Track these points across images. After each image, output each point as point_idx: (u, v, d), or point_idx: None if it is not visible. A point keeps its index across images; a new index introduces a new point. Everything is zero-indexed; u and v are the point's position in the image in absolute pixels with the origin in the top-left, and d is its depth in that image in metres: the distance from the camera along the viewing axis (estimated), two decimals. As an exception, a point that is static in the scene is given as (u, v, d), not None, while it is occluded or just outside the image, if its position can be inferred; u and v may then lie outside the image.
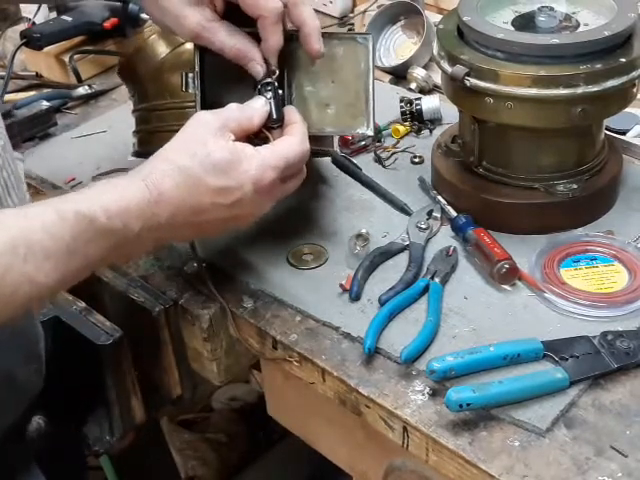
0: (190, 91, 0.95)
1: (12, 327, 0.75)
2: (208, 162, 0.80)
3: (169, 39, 1.08)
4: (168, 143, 0.83)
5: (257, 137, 0.88)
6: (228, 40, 0.91)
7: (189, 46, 1.00)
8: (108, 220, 0.74)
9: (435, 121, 1.27)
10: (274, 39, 0.90)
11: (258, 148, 0.85)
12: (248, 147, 0.84)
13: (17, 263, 0.68)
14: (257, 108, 0.88)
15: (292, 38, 0.93)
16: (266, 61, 0.91)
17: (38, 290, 0.70)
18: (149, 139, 1.11)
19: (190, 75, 0.96)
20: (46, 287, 0.71)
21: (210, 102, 0.94)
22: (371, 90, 0.98)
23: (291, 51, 0.95)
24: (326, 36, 0.95)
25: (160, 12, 0.92)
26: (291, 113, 0.91)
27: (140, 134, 1.13)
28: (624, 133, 1.20)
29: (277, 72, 0.92)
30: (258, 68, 0.91)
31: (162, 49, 1.08)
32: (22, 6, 1.67)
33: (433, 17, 1.45)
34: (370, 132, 0.99)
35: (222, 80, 0.94)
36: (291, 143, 0.87)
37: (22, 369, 0.91)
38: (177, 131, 0.83)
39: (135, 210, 0.76)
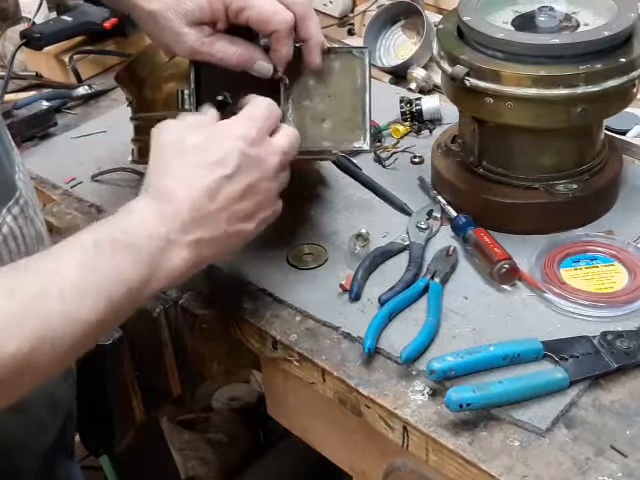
0: (186, 107, 0.95)
1: None
2: (195, 146, 0.80)
3: None
4: (152, 155, 0.82)
5: None
6: (229, 48, 0.91)
7: None
8: (127, 236, 0.73)
9: (435, 121, 1.27)
10: (285, 50, 0.90)
11: (237, 114, 0.85)
12: (221, 121, 0.84)
13: (54, 306, 0.66)
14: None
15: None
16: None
17: (87, 328, 0.68)
18: (147, 150, 1.11)
19: (186, 92, 0.95)
20: (95, 322, 0.69)
21: None
22: (368, 104, 0.97)
23: (289, 65, 0.94)
24: (323, 50, 0.95)
25: (159, 31, 0.91)
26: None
27: (140, 143, 1.13)
28: (624, 133, 1.20)
29: (286, 80, 0.93)
30: (266, 65, 0.92)
31: (162, 57, 1.08)
32: (22, 6, 1.67)
33: (433, 17, 1.45)
34: (367, 147, 0.98)
35: (218, 93, 0.94)
36: (258, 100, 0.87)
37: (60, 387, 0.92)
38: None
39: (153, 218, 0.75)
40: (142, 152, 1.12)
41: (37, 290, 0.67)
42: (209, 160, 0.79)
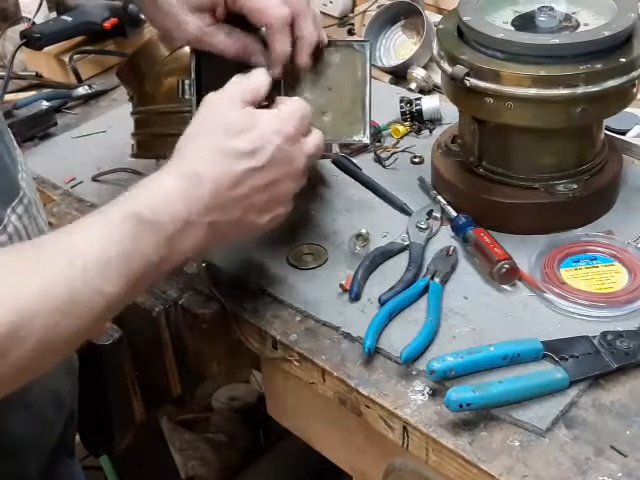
0: (187, 97, 0.95)
1: None
2: (231, 130, 0.80)
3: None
4: (187, 129, 0.81)
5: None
6: (228, 39, 0.91)
7: (188, 49, 1.00)
8: (154, 215, 0.73)
9: (435, 121, 1.28)
10: (280, 47, 0.90)
11: (275, 107, 0.85)
12: (263, 109, 0.84)
13: (80, 278, 0.67)
14: (261, 79, 0.87)
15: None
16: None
17: (110, 301, 0.69)
18: (149, 142, 1.11)
19: (187, 82, 0.96)
20: (116, 296, 0.70)
21: None
22: (368, 98, 0.97)
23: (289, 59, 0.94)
24: (322, 46, 0.95)
25: (162, 17, 0.92)
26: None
27: (139, 137, 1.13)
28: (624, 133, 1.20)
29: (281, 82, 0.93)
30: (260, 58, 0.92)
31: (162, 52, 1.08)
32: (22, 6, 1.67)
33: (433, 17, 1.45)
34: (366, 140, 0.99)
35: (219, 86, 0.94)
36: (294, 99, 0.87)
37: (64, 385, 0.92)
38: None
39: (178, 199, 0.75)
40: (141, 146, 1.12)
41: (66, 266, 0.67)
42: (242, 148, 0.79)
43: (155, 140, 1.09)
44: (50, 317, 0.65)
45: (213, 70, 0.94)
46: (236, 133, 0.80)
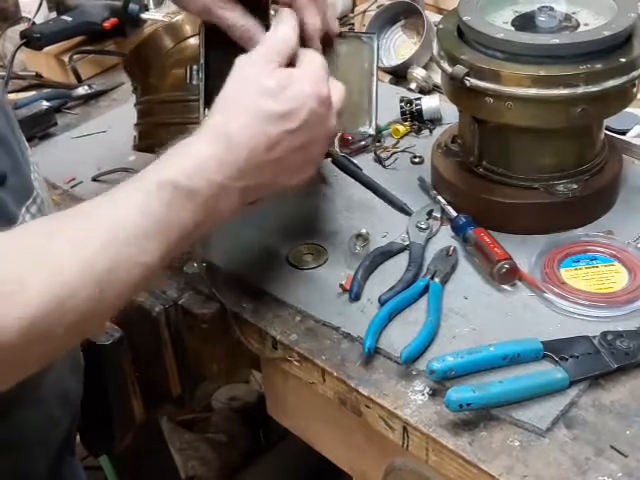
0: (194, 83, 0.95)
1: None
2: (265, 92, 0.78)
3: (174, 34, 1.09)
4: (221, 92, 0.80)
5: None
6: (239, 20, 0.89)
7: (193, 41, 1.00)
8: (190, 181, 0.72)
9: (435, 121, 1.28)
10: (312, 20, 0.88)
11: (301, 66, 0.83)
12: (293, 69, 0.82)
13: (122, 249, 0.67)
14: (289, 34, 0.84)
15: None
16: None
17: (148, 271, 0.70)
18: (152, 131, 1.11)
19: (195, 67, 0.96)
20: (154, 266, 0.70)
21: (214, 97, 0.94)
22: (374, 89, 0.98)
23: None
24: (332, 36, 0.95)
25: None
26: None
27: (141, 127, 1.13)
28: (624, 133, 1.20)
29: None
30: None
31: (167, 43, 1.08)
32: (22, 6, 1.67)
33: (433, 17, 1.45)
34: (372, 131, 0.99)
35: (226, 73, 0.94)
36: (313, 55, 0.85)
37: (70, 382, 0.93)
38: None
39: (213, 164, 0.74)
40: (143, 136, 1.12)
41: (107, 236, 0.67)
42: (277, 111, 0.77)
43: (158, 129, 1.09)
44: (90, 289, 0.65)
45: (221, 61, 0.94)
46: (270, 95, 0.78)
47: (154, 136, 1.10)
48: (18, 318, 0.61)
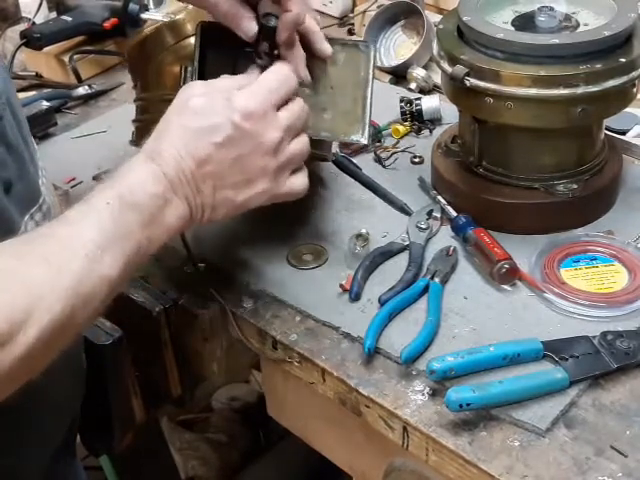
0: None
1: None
2: (190, 111, 0.81)
3: (175, 31, 1.09)
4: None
5: None
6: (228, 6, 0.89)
7: (193, 40, 1.00)
8: (132, 195, 0.76)
9: (435, 121, 1.28)
10: (295, 8, 0.87)
11: (236, 77, 0.85)
12: (224, 80, 0.85)
13: (84, 264, 0.70)
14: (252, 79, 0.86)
15: None
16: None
17: (109, 284, 0.72)
18: (149, 129, 1.11)
19: (189, 69, 0.96)
20: (115, 279, 0.73)
21: None
22: (369, 98, 0.97)
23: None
24: (328, 41, 0.95)
25: None
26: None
27: (139, 123, 1.13)
28: (624, 133, 1.20)
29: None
30: (245, 22, 0.89)
31: (168, 39, 1.08)
32: (22, 6, 1.67)
33: (433, 17, 1.45)
34: (364, 140, 0.99)
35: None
36: (270, 70, 0.86)
37: (71, 383, 0.93)
38: None
39: (148, 178, 0.78)
40: (140, 132, 1.12)
41: (68, 253, 0.70)
42: (201, 125, 0.80)
43: (154, 126, 1.09)
44: (60, 303, 0.67)
45: (216, 62, 0.94)
46: (194, 113, 0.81)
47: (150, 133, 1.10)
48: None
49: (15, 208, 0.78)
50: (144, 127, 1.12)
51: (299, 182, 0.88)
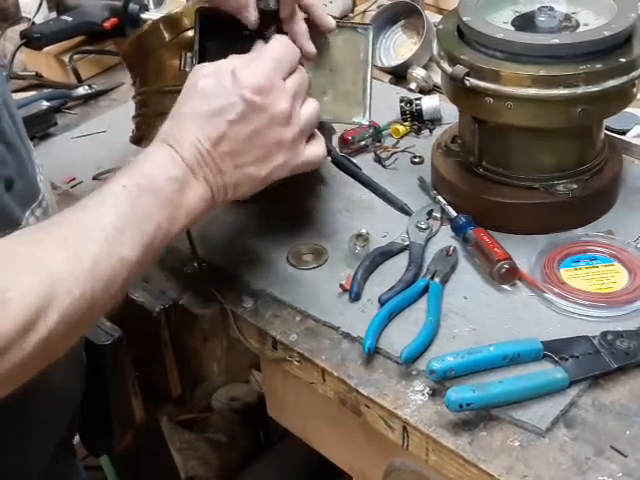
0: (187, 70, 0.95)
1: None
2: (199, 94, 0.82)
3: (172, 26, 1.09)
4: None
5: None
6: None
7: (191, 34, 1.00)
8: (150, 180, 0.76)
9: (435, 121, 1.28)
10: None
11: (250, 56, 0.86)
12: (232, 59, 0.85)
13: (102, 247, 0.70)
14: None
15: None
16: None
17: (130, 267, 0.73)
18: (148, 122, 1.11)
19: (189, 54, 0.96)
20: (135, 262, 0.73)
21: None
22: (369, 80, 0.98)
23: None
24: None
25: None
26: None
27: (139, 118, 1.13)
28: (624, 133, 1.20)
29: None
30: (250, 14, 0.90)
31: (165, 35, 1.08)
32: (22, 6, 1.67)
33: (433, 17, 1.45)
34: (365, 122, 0.99)
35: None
36: (272, 43, 0.87)
37: (70, 382, 0.93)
38: None
39: (167, 162, 0.79)
40: (139, 127, 1.12)
41: (86, 237, 0.71)
42: (213, 107, 0.81)
43: (154, 118, 1.09)
44: (80, 287, 0.68)
45: (216, 47, 0.94)
46: (203, 96, 0.82)
47: (150, 126, 1.10)
48: (14, 323, 0.63)
49: (16, 204, 0.78)
50: (144, 120, 1.12)
51: (316, 150, 0.88)
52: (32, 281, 0.65)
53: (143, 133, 1.12)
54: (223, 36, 0.93)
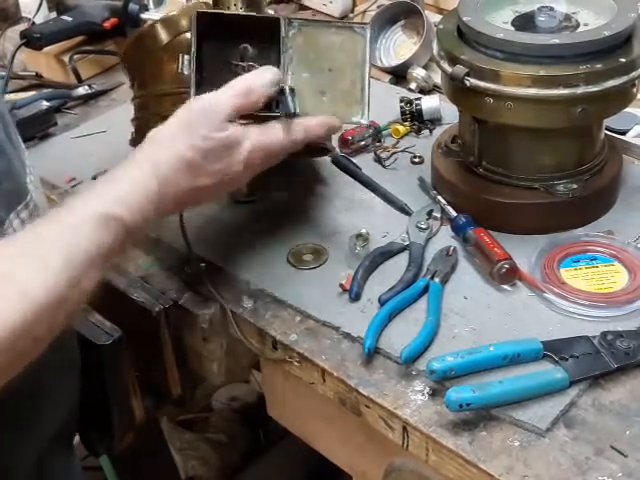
0: (186, 73, 0.95)
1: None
2: (206, 150, 0.84)
3: (170, 28, 1.09)
4: (167, 125, 0.87)
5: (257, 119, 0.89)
6: None
7: (189, 36, 1.00)
8: (132, 217, 0.78)
9: (435, 121, 1.28)
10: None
11: (252, 129, 0.87)
12: (241, 130, 0.87)
13: (76, 272, 0.72)
14: (258, 85, 0.88)
15: (290, 23, 0.94)
16: None
17: (86, 296, 0.75)
18: (147, 124, 1.11)
19: (187, 57, 0.96)
20: (90, 292, 0.75)
21: (205, 89, 0.94)
22: (367, 80, 0.98)
23: (289, 37, 0.94)
24: (324, 24, 0.95)
25: None
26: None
27: (137, 121, 1.13)
28: (624, 133, 1.20)
29: (280, 62, 0.93)
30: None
31: (163, 37, 1.08)
32: (22, 6, 1.67)
33: (433, 17, 1.45)
34: (364, 121, 0.99)
35: (219, 68, 0.94)
36: (279, 130, 0.89)
37: (64, 377, 0.93)
38: None
39: (148, 201, 0.81)
40: (138, 129, 1.12)
41: (61, 256, 0.72)
42: (212, 169, 0.84)
43: (153, 121, 1.09)
44: (52, 311, 0.70)
45: (214, 52, 0.94)
46: (210, 156, 0.85)
47: (150, 129, 1.10)
48: None
49: (1, 205, 0.78)
50: (143, 124, 1.12)
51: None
52: (10, 300, 0.67)
53: (142, 136, 1.12)
54: (221, 39, 0.93)
